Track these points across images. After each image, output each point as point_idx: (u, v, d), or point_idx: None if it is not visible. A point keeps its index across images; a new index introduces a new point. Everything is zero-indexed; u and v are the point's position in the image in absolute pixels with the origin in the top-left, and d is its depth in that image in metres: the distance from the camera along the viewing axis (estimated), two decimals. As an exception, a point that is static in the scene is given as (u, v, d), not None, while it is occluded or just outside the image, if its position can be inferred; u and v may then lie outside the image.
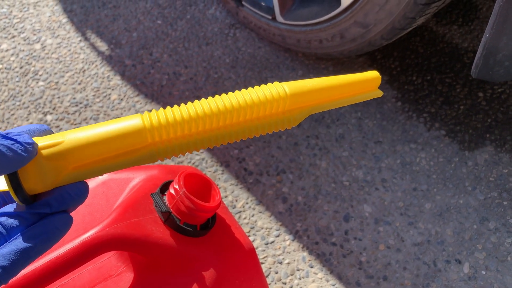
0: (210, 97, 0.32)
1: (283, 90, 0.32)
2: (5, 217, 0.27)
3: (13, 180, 0.27)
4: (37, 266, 0.41)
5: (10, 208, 0.28)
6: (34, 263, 0.42)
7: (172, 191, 0.49)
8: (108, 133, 0.29)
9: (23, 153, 0.26)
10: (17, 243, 0.26)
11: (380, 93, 0.37)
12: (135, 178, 0.54)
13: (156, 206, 0.49)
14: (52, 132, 0.30)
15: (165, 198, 0.50)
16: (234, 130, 0.32)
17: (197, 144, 0.31)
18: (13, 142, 0.26)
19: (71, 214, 0.29)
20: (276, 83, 0.33)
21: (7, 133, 0.27)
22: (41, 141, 0.28)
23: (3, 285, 0.26)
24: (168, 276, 0.48)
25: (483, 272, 0.92)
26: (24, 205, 0.28)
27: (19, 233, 0.27)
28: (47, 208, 0.28)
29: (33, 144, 0.27)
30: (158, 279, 0.47)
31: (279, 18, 1.15)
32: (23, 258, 0.26)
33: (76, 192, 0.29)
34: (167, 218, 0.48)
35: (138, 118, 0.30)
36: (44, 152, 0.28)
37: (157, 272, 0.48)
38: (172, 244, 0.47)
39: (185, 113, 0.30)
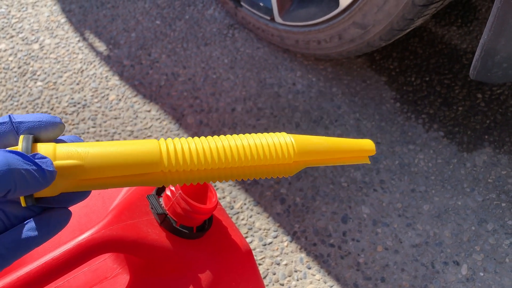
0: (222, 136, 0.34)
1: (292, 148, 0.35)
2: (9, 206, 0.28)
3: (28, 200, 0.28)
4: (33, 267, 0.41)
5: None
6: (29, 265, 0.41)
7: (168, 193, 0.49)
8: (125, 156, 0.30)
9: (43, 181, 0.27)
10: (18, 233, 0.27)
11: (367, 161, 0.41)
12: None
13: (152, 208, 0.49)
14: (63, 126, 0.31)
15: (161, 200, 0.50)
16: (236, 173, 0.34)
17: (203, 179, 0.33)
18: (37, 168, 0.26)
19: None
20: (285, 135, 0.36)
21: (33, 156, 0.27)
22: (60, 160, 0.29)
23: None
24: (164, 278, 0.47)
25: (481, 274, 0.92)
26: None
27: (21, 223, 0.28)
28: (49, 205, 0.29)
29: (53, 173, 0.27)
30: (154, 281, 0.47)
31: (278, 19, 1.15)
32: (21, 248, 0.27)
33: (78, 195, 0.30)
34: (163, 220, 0.48)
35: (155, 145, 0.31)
36: (61, 172, 0.28)
37: (153, 274, 0.47)
38: (168, 246, 0.47)
39: (200, 150, 0.32)
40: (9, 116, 0.29)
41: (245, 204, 1.01)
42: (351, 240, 0.96)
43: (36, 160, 0.27)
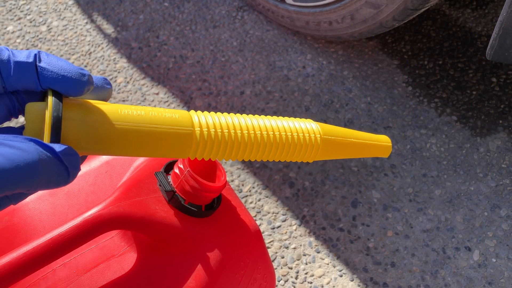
0: (251, 116, 0.35)
1: (319, 138, 0.36)
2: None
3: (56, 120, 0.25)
4: (39, 243, 0.40)
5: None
6: (36, 241, 0.41)
7: (176, 170, 0.47)
8: (157, 135, 0.30)
9: (63, 182, 0.25)
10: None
11: (386, 155, 0.43)
12: (139, 158, 0.53)
13: (160, 185, 0.48)
14: (110, 90, 0.31)
15: (170, 178, 0.49)
16: (259, 157, 0.36)
17: (226, 158, 0.34)
18: (63, 169, 0.25)
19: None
20: (312, 124, 0.37)
21: (63, 151, 0.25)
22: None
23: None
24: (172, 256, 0.47)
25: (494, 260, 0.91)
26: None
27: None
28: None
29: (76, 172, 0.26)
30: (161, 259, 0.46)
31: None
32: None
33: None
34: (171, 197, 0.47)
35: (188, 129, 0.31)
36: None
37: (160, 252, 0.47)
38: (176, 224, 0.46)
39: (232, 136, 0.33)
40: (35, 55, 0.27)
41: (253, 187, 1.00)
42: (360, 224, 0.95)
43: (64, 158, 0.24)
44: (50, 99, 0.26)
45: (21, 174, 0.22)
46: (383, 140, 0.42)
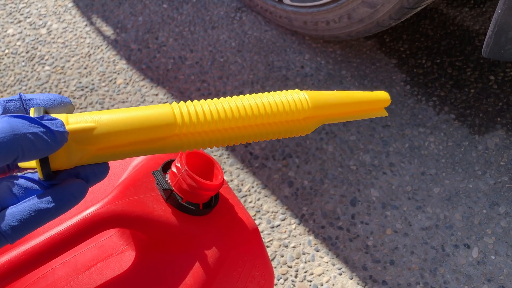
0: (235, 97, 0.34)
1: (306, 101, 0.35)
2: (24, 180, 0.27)
3: (44, 166, 0.27)
4: (38, 242, 0.41)
5: (29, 174, 0.28)
6: (34, 239, 0.41)
7: (174, 169, 0.48)
8: (139, 120, 0.30)
9: (54, 144, 0.26)
10: (30, 205, 0.26)
11: (385, 113, 0.40)
12: (137, 157, 0.54)
13: (157, 184, 0.48)
14: (72, 107, 0.31)
15: (167, 177, 0.49)
16: (252, 132, 0.34)
17: (218, 141, 0.33)
18: (46, 130, 0.25)
19: None
20: (298, 91, 0.35)
21: (41, 118, 0.26)
22: (73, 124, 0.28)
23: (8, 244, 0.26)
24: (170, 254, 0.47)
25: (492, 257, 0.91)
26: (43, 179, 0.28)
27: (34, 196, 0.27)
28: (66, 176, 0.28)
29: (64, 133, 0.26)
30: (160, 257, 0.47)
31: None
32: (34, 220, 0.26)
33: (98, 169, 0.29)
34: (169, 196, 0.47)
35: (168, 107, 0.31)
36: (74, 136, 0.28)
37: (159, 250, 0.47)
38: (174, 222, 0.46)
39: (213, 109, 0.32)
40: (20, 94, 0.29)
41: (252, 187, 1.00)
42: (359, 223, 0.96)
43: (45, 122, 0.26)
44: None
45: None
46: (379, 94, 0.40)
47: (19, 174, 0.29)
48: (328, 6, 1.04)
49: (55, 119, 0.26)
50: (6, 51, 1.24)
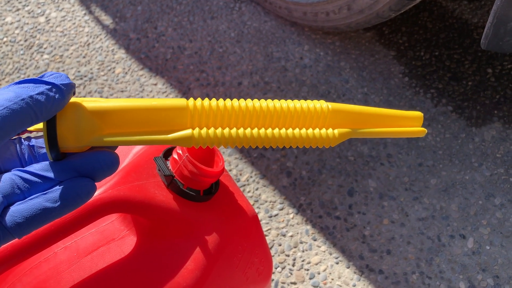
0: (249, 99, 0.32)
1: (326, 105, 0.33)
2: (29, 175, 0.27)
3: (51, 128, 0.27)
4: (40, 226, 0.41)
5: (36, 167, 0.27)
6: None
7: (175, 156, 0.48)
8: (152, 105, 0.29)
9: (62, 97, 0.26)
10: (36, 203, 0.26)
11: (423, 132, 0.37)
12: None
13: (159, 170, 0.49)
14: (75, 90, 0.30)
15: (168, 163, 0.50)
16: (272, 135, 0.32)
17: (234, 140, 0.31)
18: (51, 86, 0.26)
19: None
20: (323, 103, 0.34)
21: (42, 77, 0.26)
22: (85, 100, 0.28)
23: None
24: (171, 239, 0.48)
25: (487, 247, 0.92)
26: (52, 161, 0.28)
27: (40, 193, 0.26)
28: (73, 172, 0.27)
29: (70, 85, 0.26)
30: (161, 242, 0.48)
31: (286, -10, 1.13)
32: (40, 218, 0.26)
33: (106, 161, 0.28)
34: (170, 182, 0.48)
35: (183, 100, 0.30)
36: (86, 104, 0.28)
37: (160, 235, 0.48)
38: (175, 208, 0.47)
39: (228, 105, 0.31)
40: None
41: (251, 177, 1.01)
42: (357, 213, 0.96)
43: (48, 79, 0.26)
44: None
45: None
46: (410, 112, 0.37)
47: (26, 141, 0.29)
48: (328, -3, 1.04)
49: (58, 73, 0.27)
50: (5, 39, 1.24)
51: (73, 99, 0.28)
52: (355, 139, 1.06)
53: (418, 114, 0.37)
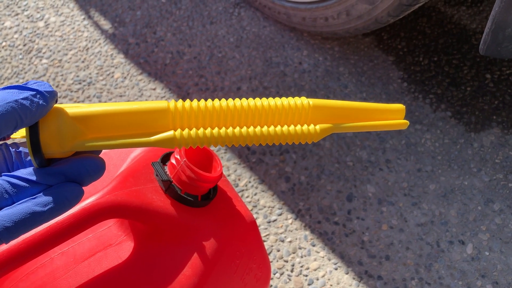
0: (231, 99, 0.33)
1: (307, 101, 0.33)
2: (17, 179, 0.27)
3: (33, 134, 0.27)
4: (37, 231, 0.41)
5: (23, 172, 0.28)
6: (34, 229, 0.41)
7: (173, 161, 0.48)
8: (133, 108, 0.29)
9: (46, 103, 0.27)
10: (25, 207, 0.26)
11: (405, 124, 0.37)
12: (136, 149, 0.54)
13: (157, 175, 0.48)
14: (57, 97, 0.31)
15: (166, 168, 0.49)
16: (254, 133, 0.32)
17: (216, 139, 0.31)
18: (35, 92, 0.26)
19: None
20: (303, 100, 0.34)
21: (26, 84, 0.27)
22: (67, 106, 0.29)
23: (3, 244, 0.27)
24: (168, 245, 0.47)
25: (487, 253, 0.92)
26: (37, 167, 0.28)
27: (29, 198, 0.27)
28: (60, 177, 0.28)
29: (53, 93, 0.27)
30: (158, 248, 0.47)
31: (285, -4, 1.14)
32: (28, 222, 0.26)
33: (91, 166, 0.29)
34: (168, 187, 0.48)
35: (164, 102, 0.31)
36: (68, 110, 0.28)
37: (157, 241, 0.47)
38: (172, 213, 0.47)
39: (209, 105, 0.31)
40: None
41: (249, 182, 1.01)
42: (355, 218, 0.96)
43: (32, 86, 0.27)
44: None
45: None
46: (391, 105, 0.37)
47: (13, 148, 0.30)
48: (327, 2, 1.05)
49: (42, 82, 0.28)
50: (4, 43, 1.24)
51: (55, 106, 0.29)
52: (354, 144, 1.06)
53: (400, 106, 0.37)
